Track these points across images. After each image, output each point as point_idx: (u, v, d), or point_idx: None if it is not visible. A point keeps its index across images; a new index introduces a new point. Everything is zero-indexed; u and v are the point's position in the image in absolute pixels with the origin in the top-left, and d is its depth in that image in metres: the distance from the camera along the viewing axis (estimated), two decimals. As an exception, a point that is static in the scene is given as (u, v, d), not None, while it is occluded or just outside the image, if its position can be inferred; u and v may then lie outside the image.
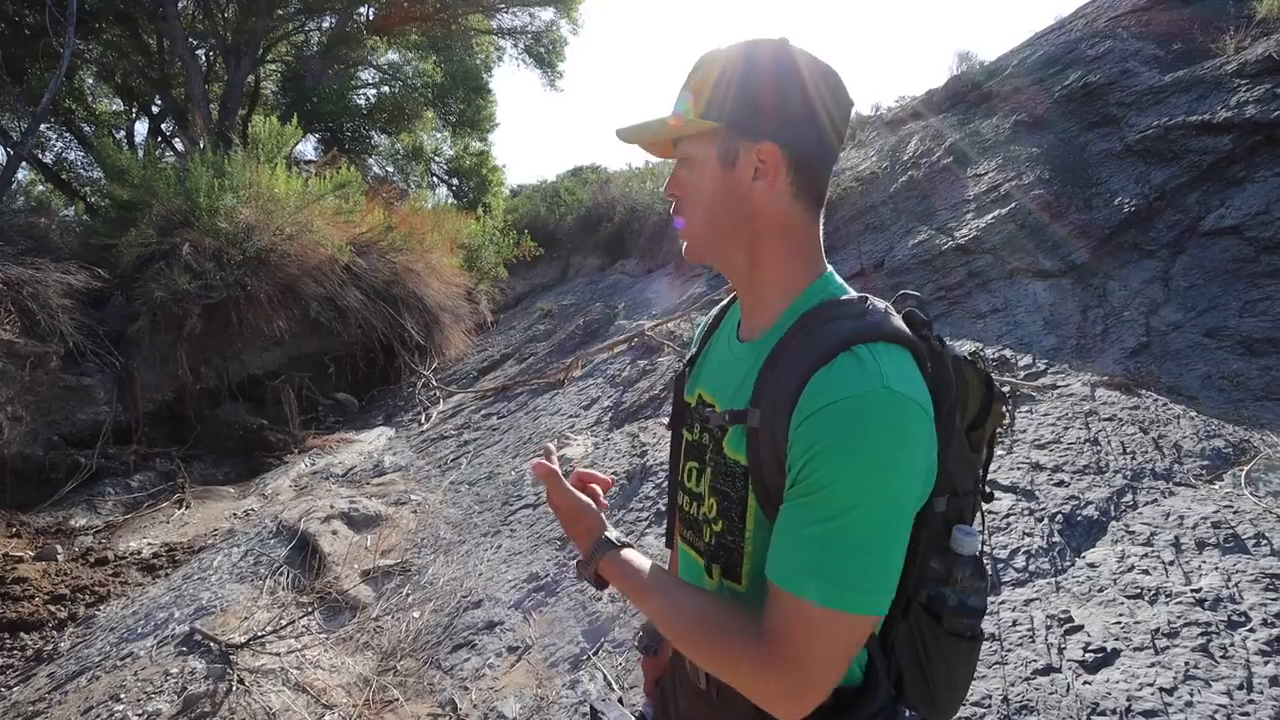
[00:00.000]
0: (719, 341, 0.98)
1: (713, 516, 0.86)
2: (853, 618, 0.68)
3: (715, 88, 0.79)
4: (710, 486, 0.87)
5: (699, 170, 0.82)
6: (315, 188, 7.88)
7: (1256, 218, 4.20)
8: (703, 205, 0.83)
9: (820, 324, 0.77)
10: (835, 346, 0.73)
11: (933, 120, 7.50)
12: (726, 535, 0.84)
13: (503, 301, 11.60)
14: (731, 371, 0.90)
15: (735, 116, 0.79)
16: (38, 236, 6.57)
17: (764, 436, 0.76)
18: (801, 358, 0.75)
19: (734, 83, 0.78)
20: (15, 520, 4.68)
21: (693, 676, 0.95)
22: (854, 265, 5.95)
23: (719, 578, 0.87)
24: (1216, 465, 2.81)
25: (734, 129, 0.79)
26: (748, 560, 0.82)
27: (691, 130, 0.81)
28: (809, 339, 0.76)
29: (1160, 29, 6.10)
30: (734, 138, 0.79)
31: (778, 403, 0.75)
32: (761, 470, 0.77)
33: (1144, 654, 1.95)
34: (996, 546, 2.54)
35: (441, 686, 2.61)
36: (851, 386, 0.70)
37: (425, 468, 5.28)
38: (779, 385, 0.75)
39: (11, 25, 10.02)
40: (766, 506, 0.78)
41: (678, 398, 1.03)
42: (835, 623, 0.68)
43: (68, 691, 2.65)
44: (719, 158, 0.80)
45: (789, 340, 0.79)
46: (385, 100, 14.98)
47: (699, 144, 0.82)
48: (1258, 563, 2.20)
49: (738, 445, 0.81)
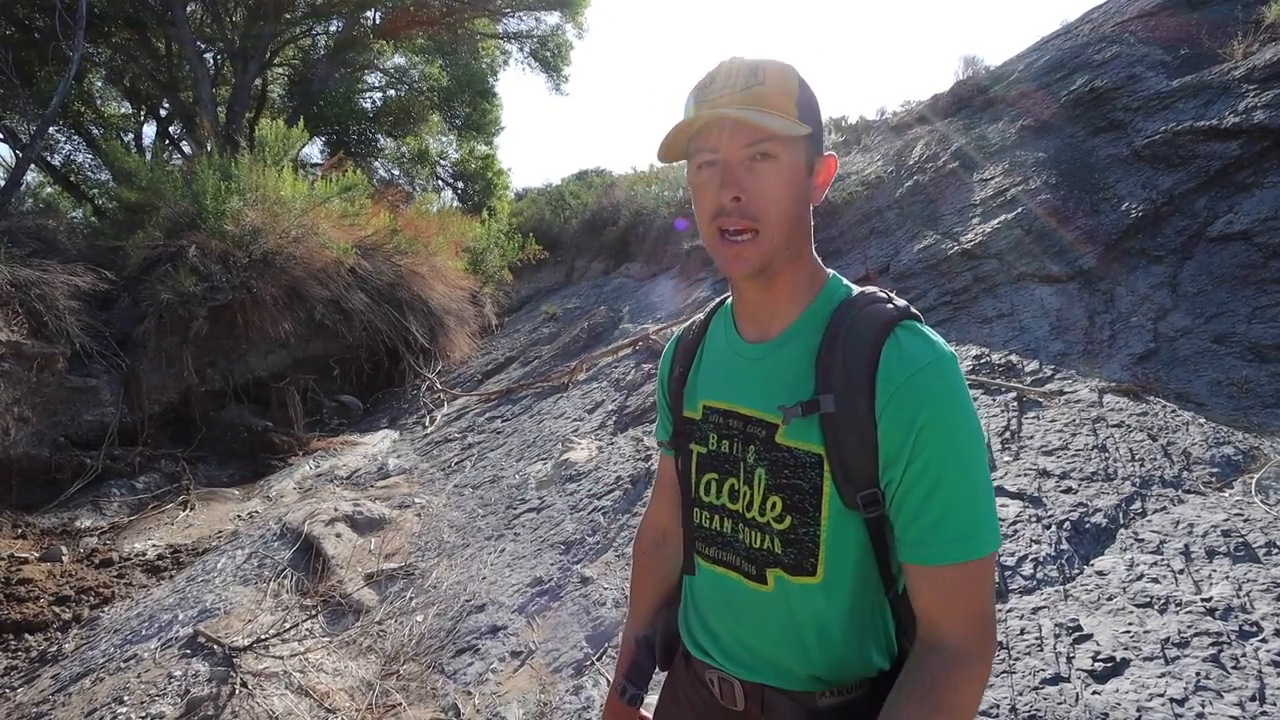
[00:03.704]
0: (713, 352, 0.98)
1: (776, 514, 0.85)
2: (994, 556, 0.78)
3: (799, 97, 0.82)
4: (768, 485, 0.86)
5: (784, 174, 0.81)
6: (321, 190, 7.91)
7: (1265, 223, 4.17)
8: (782, 208, 0.82)
9: (860, 310, 0.83)
10: (888, 324, 0.80)
11: (938, 125, 7.48)
12: (799, 529, 0.84)
13: (507, 304, 11.60)
14: (751, 373, 0.90)
15: (815, 126, 0.84)
16: (46, 238, 6.60)
17: (843, 418, 0.79)
18: (860, 338, 0.80)
19: (808, 94, 0.83)
20: (21, 521, 4.69)
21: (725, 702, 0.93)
22: (859, 270, 5.94)
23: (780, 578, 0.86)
24: (1226, 473, 2.78)
25: (812, 139, 0.84)
26: (824, 548, 0.83)
27: (797, 132, 0.80)
28: (857, 324, 0.81)
29: (1167, 34, 6.08)
30: (812, 147, 0.84)
31: (851, 382, 0.78)
32: (842, 451, 0.79)
33: (1154, 664, 1.93)
34: (1004, 554, 2.52)
35: (444, 691, 2.60)
36: (927, 354, 0.78)
37: (429, 471, 5.27)
38: (846, 366, 0.79)
39: (21, 29, 10.09)
40: (844, 489, 0.80)
41: (675, 418, 1.01)
42: (992, 567, 0.78)
43: (71, 693, 2.65)
44: (806, 164, 0.84)
45: (836, 326, 0.83)
46: (391, 104, 15.06)
47: (789, 148, 0.81)
48: (1269, 572, 2.17)
49: (805, 434, 0.82)
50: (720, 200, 0.81)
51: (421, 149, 15.91)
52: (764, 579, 0.87)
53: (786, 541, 0.84)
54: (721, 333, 0.98)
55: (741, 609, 0.91)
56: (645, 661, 1.13)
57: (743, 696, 0.90)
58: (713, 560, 0.94)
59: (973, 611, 0.76)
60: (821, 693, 0.86)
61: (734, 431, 0.89)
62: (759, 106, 0.78)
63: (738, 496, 0.89)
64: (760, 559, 0.87)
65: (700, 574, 0.98)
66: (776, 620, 0.87)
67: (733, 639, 0.93)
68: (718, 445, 0.92)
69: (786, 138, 0.80)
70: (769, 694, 0.88)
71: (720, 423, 0.92)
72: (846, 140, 9.17)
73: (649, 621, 1.16)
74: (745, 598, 0.90)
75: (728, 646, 0.94)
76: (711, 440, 0.93)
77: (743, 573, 0.89)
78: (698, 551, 0.97)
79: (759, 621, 0.89)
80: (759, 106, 0.78)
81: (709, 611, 0.97)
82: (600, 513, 3.68)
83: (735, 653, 0.92)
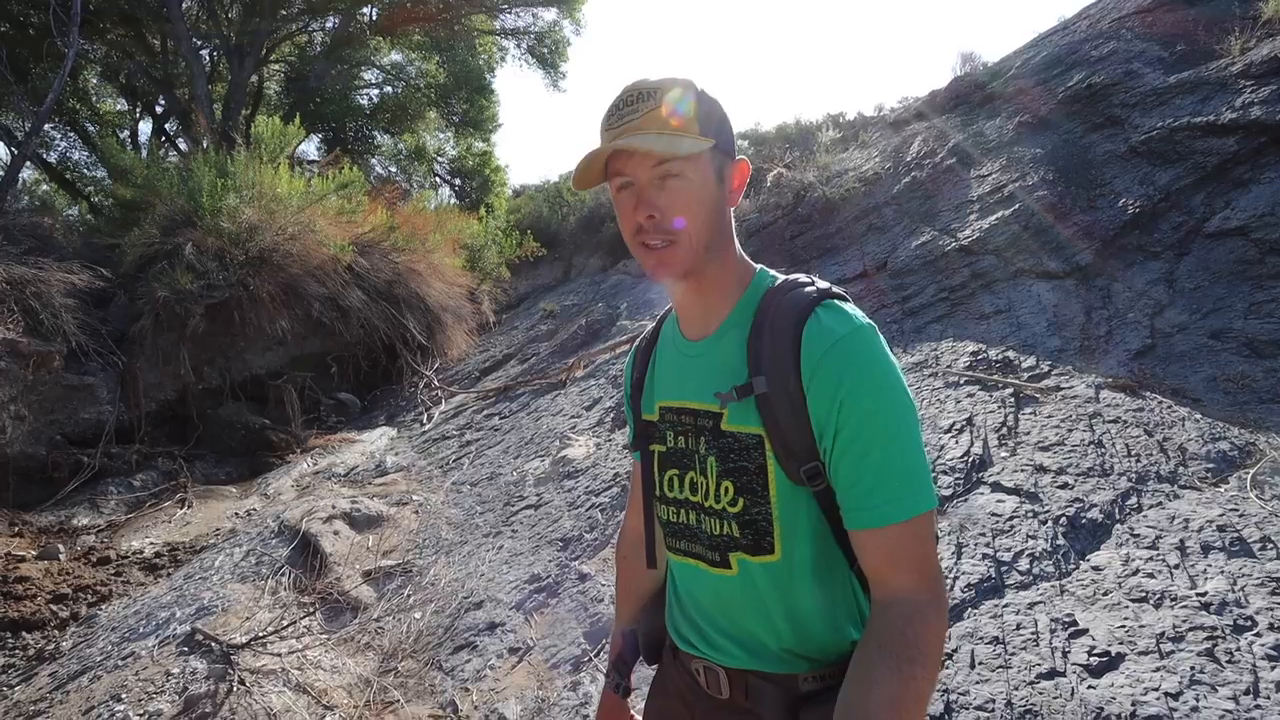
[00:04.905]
0: (664, 356, 1.03)
1: (730, 498, 0.89)
2: (931, 514, 0.80)
3: (699, 110, 0.85)
4: (719, 472, 0.90)
5: (696, 187, 0.86)
6: (318, 188, 7.89)
7: (1262, 219, 4.17)
8: (700, 219, 0.87)
9: (784, 295, 0.88)
10: (810, 304, 0.85)
11: (936, 121, 7.48)
12: (752, 510, 0.87)
13: (505, 302, 11.59)
14: (695, 369, 0.95)
15: (720, 136, 0.88)
16: (41, 236, 6.58)
17: (776, 397, 0.83)
18: (783, 321, 0.85)
19: (710, 107, 0.87)
20: (18, 519, 4.69)
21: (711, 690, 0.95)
22: (857, 266, 5.94)
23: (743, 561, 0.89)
24: (1222, 468, 2.79)
25: (719, 149, 0.88)
26: (778, 524, 0.86)
27: (697, 149, 0.85)
28: (781, 307, 0.87)
29: (1164, 30, 6.08)
30: (720, 156, 0.89)
31: (779, 362, 0.83)
32: (779, 427, 0.83)
33: (1149, 658, 1.94)
34: (1000, 549, 2.52)
35: (443, 688, 2.61)
36: (844, 326, 0.82)
37: (427, 468, 5.27)
38: (773, 348, 0.84)
39: (16, 25, 10.05)
40: (786, 464, 0.84)
41: (636, 421, 1.06)
42: (931, 524, 0.80)
43: (69, 691, 2.65)
44: (715, 174, 0.88)
45: (763, 314, 0.88)
46: (388, 100, 15.01)
47: (694, 163, 0.86)
48: (1264, 566, 2.18)
49: (744, 418, 0.87)
50: (637, 219, 0.87)
51: (419, 146, 15.87)
52: (727, 564, 0.91)
53: (743, 524, 0.88)
54: (670, 336, 1.03)
55: (711, 595, 0.95)
56: (629, 653, 1.17)
57: (727, 684, 0.93)
58: (682, 553, 0.98)
59: (920, 565, 0.79)
60: (804, 676, 0.88)
61: (686, 426, 0.94)
62: (660, 129, 0.83)
63: (697, 488, 0.93)
64: (722, 544, 0.91)
65: (674, 567, 1.03)
66: (745, 602, 0.90)
67: (711, 627, 0.96)
68: (675, 442, 0.97)
69: (688, 156, 0.84)
70: (753, 680, 0.91)
71: (675, 420, 0.96)
72: (844, 137, 9.16)
73: (634, 619, 1.21)
74: (713, 584, 0.93)
75: (708, 635, 0.97)
76: (669, 438, 0.97)
77: (707, 561, 0.93)
78: (669, 546, 1.01)
79: (729, 605, 0.93)
80: (660, 129, 0.83)
81: (688, 603, 1.01)
82: (598, 509, 3.68)
83: (716, 641, 0.95)
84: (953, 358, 4.18)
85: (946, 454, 3.20)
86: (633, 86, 0.87)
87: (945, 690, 1.98)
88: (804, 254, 6.77)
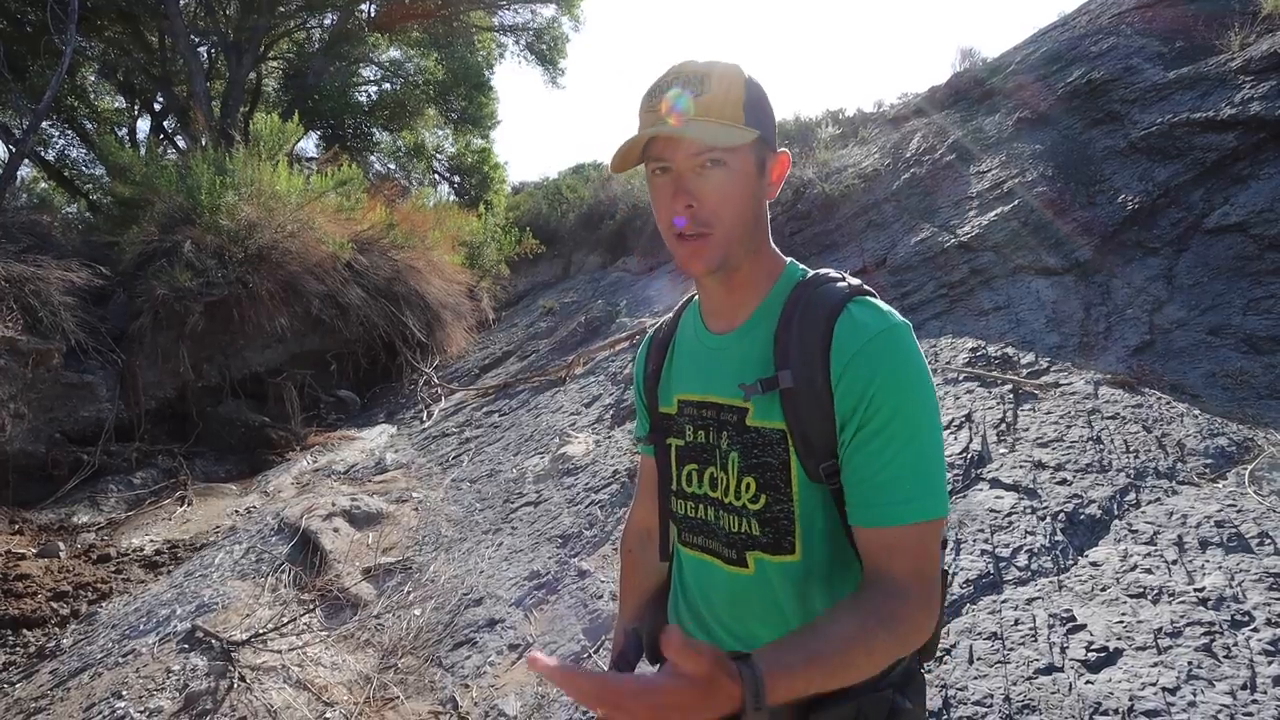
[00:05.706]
0: (684, 349, 1.01)
1: (751, 495, 0.87)
2: (941, 522, 0.77)
3: (746, 99, 0.83)
4: (741, 467, 0.88)
5: (737, 178, 0.83)
6: (317, 185, 7.88)
7: (1261, 215, 4.17)
8: (735, 210, 0.84)
9: (814, 289, 0.87)
10: (842, 300, 0.83)
11: (935, 117, 7.46)
12: (774, 507, 0.86)
13: (504, 299, 11.58)
14: (718, 362, 0.93)
15: (764, 127, 0.85)
16: (40, 234, 6.58)
17: (801, 391, 0.81)
18: (814, 315, 0.83)
19: (757, 95, 0.84)
20: (18, 517, 4.69)
21: None
22: (856, 262, 5.94)
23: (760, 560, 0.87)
24: (1220, 464, 2.79)
25: (762, 139, 0.85)
26: (799, 523, 0.85)
27: (743, 140, 0.82)
28: (812, 302, 0.84)
29: (1164, 25, 6.07)
30: (763, 147, 0.86)
31: (807, 357, 0.81)
32: (802, 424, 0.81)
33: (1147, 653, 1.94)
34: (999, 545, 2.53)
35: (442, 684, 2.61)
36: (880, 323, 0.80)
37: (426, 465, 5.28)
38: (802, 342, 0.82)
39: (13, 22, 10.01)
40: (806, 461, 0.82)
41: (651, 414, 1.04)
42: (938, 532, 0.78)
43: (70, 688, 2.65)
44: (756, 165, 0.85)
45: (792, 307, 0.86)
46: (387, 97, 14.97)
47: (737, 153, 0.82)
48: (1261, 562, 2.19)
49: (768, 412, 0.85)
50: (674, 208, 0.84)
51: (417, 143, 15.84)
52: (744, 562, 0.89)
53: (763, 521, 0.86)
54: (691, 328, 1.00)
55: (724, 593, 0.93)
56: (632, 652, 1.14)
57: None
58: (697, 548, 0.96)
59: (919, 567, 0.77)
60: None
61: (708, 421, 0.92)
62: (705, 116, 0.80)
63: (717, 484, 0.92)
64: (740, 542, 0.89)
65: (685, 562, 1.01)
66: (759, 603, 0.89)
67: (719, 625, 0.95)
68: (694, 436, 0.94)
69: (732, 144, 0.81)
70: None
71: (695, 414, 0.94)
72: (844, 133, 9.14)
73: (638, 616, 1.19)
74: (726, 581, 0.92)
75: (715, 633, 0.95)
76: (688, 432, 0.95)
77: (723, 558, 0.92)
78: (683, 541, 0.99)
79: (742, 605, 0.91)
80: (705, 116, 0.80)
81: (696, 599, 0.99)
82: (597, 506, 3.69)
83: (722, 639, 0.94)
84: (952, 354, 4.18)
85: (945, 450, 3.20)
86: (679, 67, 0.83)
87: (944, 685, 1.99)
88: (803, 250, 6.76)
